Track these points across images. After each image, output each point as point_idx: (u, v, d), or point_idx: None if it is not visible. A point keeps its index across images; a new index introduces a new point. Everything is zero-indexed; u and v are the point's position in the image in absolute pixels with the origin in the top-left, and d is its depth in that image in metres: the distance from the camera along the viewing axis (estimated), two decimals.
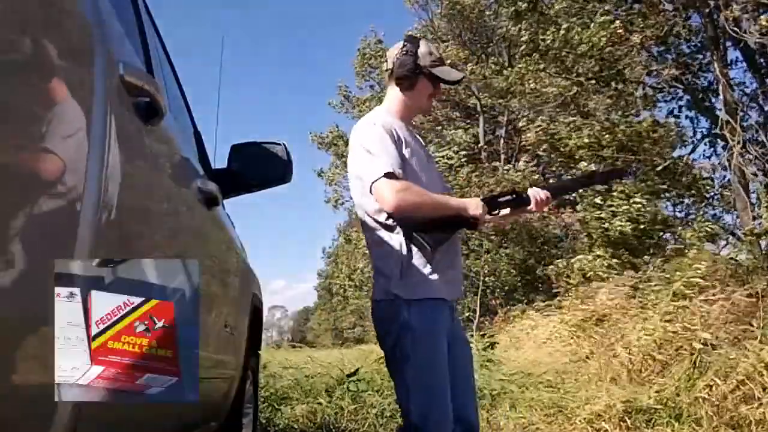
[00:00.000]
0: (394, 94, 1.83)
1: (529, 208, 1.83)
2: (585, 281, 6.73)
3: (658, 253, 7.83)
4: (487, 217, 1.78)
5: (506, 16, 10.46)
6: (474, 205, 1.72)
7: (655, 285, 5.30)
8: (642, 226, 8.02)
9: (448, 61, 1.78)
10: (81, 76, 0.84)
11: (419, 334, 1.60)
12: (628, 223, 7.88)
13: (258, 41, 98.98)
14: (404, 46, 1.78)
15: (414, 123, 2.07)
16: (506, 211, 1.83)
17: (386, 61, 1.84)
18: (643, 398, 3.66)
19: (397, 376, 1.65)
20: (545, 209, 1.90)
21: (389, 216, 1.67)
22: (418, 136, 1.89)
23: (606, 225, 7.93)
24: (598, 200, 8.39)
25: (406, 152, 1.71)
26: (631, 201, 7.94)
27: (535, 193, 1.81)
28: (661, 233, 8.65)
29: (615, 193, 8.17)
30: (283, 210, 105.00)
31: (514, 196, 1.84)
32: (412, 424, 1.59)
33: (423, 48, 1.77)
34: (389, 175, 1.61)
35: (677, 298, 4.83)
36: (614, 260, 7.35)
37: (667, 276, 5.35)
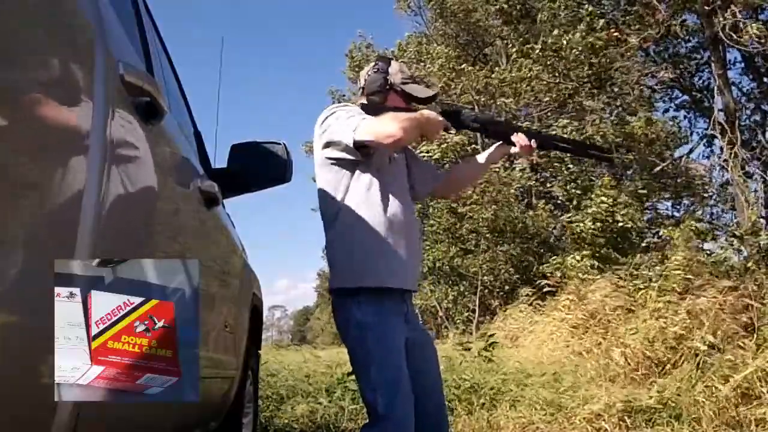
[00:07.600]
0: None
1: (513, 149, 1.82)
2: (579, 280, 6.74)
3: (645, 252, 7.88)
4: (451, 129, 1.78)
5: (493, 15, 10.46)
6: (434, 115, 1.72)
7: (651, 284, 5.31)
8: (613, 226, 8.13)
9: (427, 80, 1.81)
10: (81, 75, 0.84)
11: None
12: (599, 223, 8.00)
13: (258, 41, 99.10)
14: (375, 64, 1.83)
15: None
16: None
17: (358, 80, 1.87)
18: (643, 398, 3.66)
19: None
20: (530, 155, 1.87)
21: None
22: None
23: (580, 227, 8.06)
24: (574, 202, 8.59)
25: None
26: (599, 201, 8.04)
27: (520, 139, 1.79)
28: (635, 234, 8.73)
29: (593, 196, 8.29)
30: (286, 209, 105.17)
31: (483, 127, 1.86)
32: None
33: (394, 66, 1.82)
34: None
35: (673, 298, 4.83)
36: (596, 262, 7.44)
37: (662, 276, 5.36)
